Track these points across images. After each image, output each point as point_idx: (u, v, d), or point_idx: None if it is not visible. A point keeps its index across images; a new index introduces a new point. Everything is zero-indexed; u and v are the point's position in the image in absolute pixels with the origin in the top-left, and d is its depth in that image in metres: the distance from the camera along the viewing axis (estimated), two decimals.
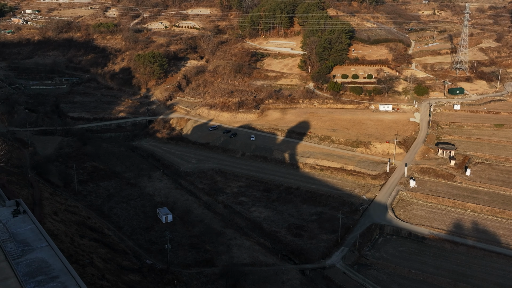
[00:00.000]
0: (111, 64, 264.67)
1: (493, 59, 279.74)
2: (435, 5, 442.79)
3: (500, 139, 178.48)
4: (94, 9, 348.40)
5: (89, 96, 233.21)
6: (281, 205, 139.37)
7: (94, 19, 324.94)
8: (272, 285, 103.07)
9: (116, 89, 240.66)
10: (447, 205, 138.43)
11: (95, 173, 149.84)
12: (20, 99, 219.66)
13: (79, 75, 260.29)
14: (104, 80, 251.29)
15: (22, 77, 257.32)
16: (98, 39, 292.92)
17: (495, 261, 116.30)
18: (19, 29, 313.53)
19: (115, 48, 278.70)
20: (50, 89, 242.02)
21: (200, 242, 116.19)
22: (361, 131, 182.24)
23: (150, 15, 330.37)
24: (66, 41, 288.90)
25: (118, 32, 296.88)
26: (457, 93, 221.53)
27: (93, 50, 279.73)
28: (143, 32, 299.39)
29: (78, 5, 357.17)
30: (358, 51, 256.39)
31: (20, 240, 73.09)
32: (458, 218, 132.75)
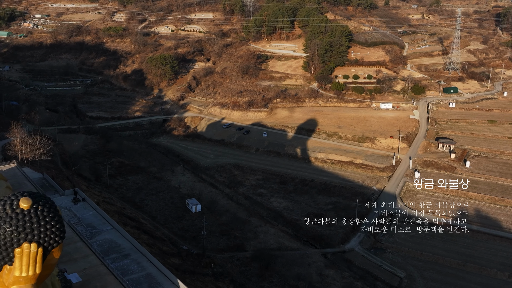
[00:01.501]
0: (123, 66, 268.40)
1: (482, 60, 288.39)
2: (423, 10, 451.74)
3: (494, 134, 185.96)
4: (102, 13, 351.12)
5: (104, 97, 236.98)
6: (298, 196, 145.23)
7: (102, 23, 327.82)
8: (299, 267, 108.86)
9: (129, 90, 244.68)
10: (450, 195, 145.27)
11: (122, 168, 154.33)
12: (39, 100, 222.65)
13: (92, 77, 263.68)
14: (117, 81, 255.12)
15: (37, 79, 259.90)
16: (108, 42, 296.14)
17: (498, 243, 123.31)
18: (30, 33, 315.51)
19: (125, 51, 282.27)
20: (66, 90, 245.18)
21: (229, 230, 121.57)
22: (365, 128, 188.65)
23: (156, 19, 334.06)
24: (78, 44, 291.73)
25: (127, 35, 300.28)
26: (451, 92, 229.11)
27: (104, 52, 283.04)
28: (151, 36, 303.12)
29: (86, 10, 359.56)
30: (357, 53, 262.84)
31: (87, 224, 78.05)
32: (461, 206, 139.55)
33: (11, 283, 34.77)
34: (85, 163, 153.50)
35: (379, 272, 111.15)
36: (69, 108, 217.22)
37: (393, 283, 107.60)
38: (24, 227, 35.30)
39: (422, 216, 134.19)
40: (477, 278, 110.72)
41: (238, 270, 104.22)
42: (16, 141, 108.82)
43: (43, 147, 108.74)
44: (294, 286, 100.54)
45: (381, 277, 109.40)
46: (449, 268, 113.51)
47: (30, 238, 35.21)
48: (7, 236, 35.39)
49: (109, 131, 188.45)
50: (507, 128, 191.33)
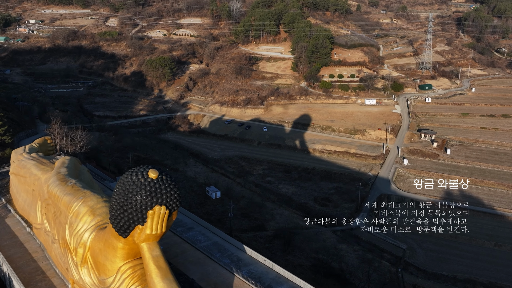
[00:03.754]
0: (121, 69, 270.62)
1: (449, 60, 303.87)
2: (391, 15, 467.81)
3: (468, 125, 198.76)
4: (95, 19, 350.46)
5: (107, 97, 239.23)
6: (303, 183, 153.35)
7: (96, 28, 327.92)
8: (315, 243, 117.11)
9: (130, 90, 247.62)
10: (436, 178, 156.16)
11: (140, 161, 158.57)
12: (45, 101, 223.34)
13: (92, 79, 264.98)
14: (118, 83, 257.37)
15: (39, 81, 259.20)
16: (104, 46, 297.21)
17: (482, 218, 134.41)
18: (27, 37, 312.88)
19: (122, 54, 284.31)
20: (69, 92, 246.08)
21: (248, 213, 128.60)
22: (355, 121, 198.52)
23: (147, 24, 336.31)
24: (76, 48, 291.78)
25: (122, 39, 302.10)
26: (426, 88, 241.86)
27: (102, 56, 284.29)
28: (145, 40, 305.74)
29: (79, 16, 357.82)
30: (339, 54, 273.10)
31: None
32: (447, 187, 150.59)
33: (141, 240, 44.15)
34: (104, 158, 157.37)
35: (385, 245, 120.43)
36: (76, 108, 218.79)
37: (397, 253, 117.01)
38: (156, 193, 45.69)
39: (414, 197, 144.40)
40: (468, 248, 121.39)
41: (263, 247, 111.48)
42: (55, 135, 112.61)
43: (83, 141, 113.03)
44: (315, 258, 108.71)
45: (386, 249, 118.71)
46: (443, 240, 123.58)
47: (160, 201, 45.54)
48: (142, 200, 45.81)
49: (120, 128, 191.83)
50: (478, 120, 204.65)
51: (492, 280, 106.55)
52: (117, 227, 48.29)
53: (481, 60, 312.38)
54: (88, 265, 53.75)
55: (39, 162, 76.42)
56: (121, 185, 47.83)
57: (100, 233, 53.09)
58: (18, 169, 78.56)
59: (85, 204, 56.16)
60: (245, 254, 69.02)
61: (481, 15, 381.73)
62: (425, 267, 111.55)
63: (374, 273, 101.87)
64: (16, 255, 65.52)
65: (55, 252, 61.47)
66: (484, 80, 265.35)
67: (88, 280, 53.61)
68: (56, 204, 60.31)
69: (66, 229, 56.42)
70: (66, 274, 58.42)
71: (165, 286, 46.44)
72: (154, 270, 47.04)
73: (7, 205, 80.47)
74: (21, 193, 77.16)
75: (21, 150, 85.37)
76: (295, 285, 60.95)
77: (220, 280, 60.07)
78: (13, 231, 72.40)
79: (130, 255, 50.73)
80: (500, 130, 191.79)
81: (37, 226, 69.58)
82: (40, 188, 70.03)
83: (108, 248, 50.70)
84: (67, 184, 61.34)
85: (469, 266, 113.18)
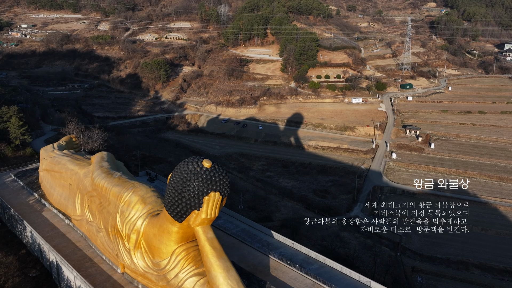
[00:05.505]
0: (116, 71, 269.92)
1: (426, 61, 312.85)
2: (368, 19, 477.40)
3: (448, 121, 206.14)
4: (86, 23, 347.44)
5: (104, 99, 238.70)
6: (301, 177, 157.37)
7: (89, 32, 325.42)
8: (320, 231, 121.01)
9: (127, 92, 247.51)
10: (423, 170, 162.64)
11: (145, 159, 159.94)
12: (45, 103, 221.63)
13: (88, 81, 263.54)
14: (114, 84, 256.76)
15: (36, 84, 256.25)
16: (98, 49, 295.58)
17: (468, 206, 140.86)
18: (21, 41, 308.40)
19: (116, 57, 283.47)
20: (66, 94, 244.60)
21: (254, 205, 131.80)
22: (344, 119, 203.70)
23: (139, 28, 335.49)
24: (70, 52, 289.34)
25: (115, 43, 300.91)
26: (407, 87, 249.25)
27: (96, 59, 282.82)
28: (137, 43, 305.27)
29: (70, 20, 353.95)
30: (325, 56, 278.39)
31: None
32: (434, 178, 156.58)
33: (197, 224, 48.82)
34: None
35: (382, 232, 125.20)
36: (75, 109, 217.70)
37: (394, 239, 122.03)
38: (211, 180, 51.41)
39: (405, 188, 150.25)
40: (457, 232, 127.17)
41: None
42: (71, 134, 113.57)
43: (100, 139, 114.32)
44: (321, 245, 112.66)
45: (384, 235, 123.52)
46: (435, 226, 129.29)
47: (215, 188, 51.20)
48: (199, 187, 51.31)
49: (122, 128, 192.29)
50: (457, 116, 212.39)
51: (482, 261, 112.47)
52: (174, 213, 51.08)
53: (454, 61, 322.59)
54: (142, 249, 56.28)
55: (73, 158, 78.18)
56: (178, 174, 50.66)
57: (153, 219, 55.69)
58: (52, 165, 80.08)
59: (136, 194, 58.63)
60: (273, 239, 72.44)
61: (452, 19, 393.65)
62: (421, 251, 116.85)
63: (377, 258, 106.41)
64: (61, 245, 67.36)
65: (101, 240, 63.66)
66: (459, 80, 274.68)
67: (142, 263, 56.15)
68: (104, 195, 62.49)
69: (117, 217, 58.75)
70: (116, 260, 60.70)
71: (221, 264, 49.54)
72: (210, 250, 50.08)
73: (41, 200, 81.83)
74: (56, 188, 78.71)
75: (51, 148, 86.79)
76: (324, 264, 64.66)
77: (257, 262, 63.30)
78: (52, 223, 74.05)
79: (184, 239, 53.58)
80: (477, 125, 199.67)
81: (77, 218, 71.48)
82: (78, 182, 71.99)
83: (163, 232, 53.37)
84: (113, 176, 63.61)
85: (460, 249, 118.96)
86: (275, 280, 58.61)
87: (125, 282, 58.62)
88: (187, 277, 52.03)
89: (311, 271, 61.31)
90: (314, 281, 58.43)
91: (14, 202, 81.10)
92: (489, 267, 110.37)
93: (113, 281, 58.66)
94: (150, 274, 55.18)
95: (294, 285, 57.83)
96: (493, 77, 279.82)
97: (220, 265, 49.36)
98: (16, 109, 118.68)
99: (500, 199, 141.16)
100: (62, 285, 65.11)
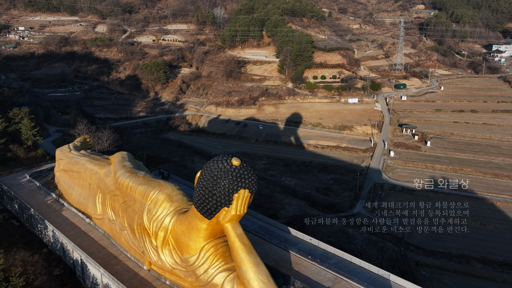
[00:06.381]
0: (115, 73, 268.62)
1: (417, 62, 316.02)
2: (360, 21, 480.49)
3: (442, 120, 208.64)
4: (83, 25, 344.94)
5: (105, 100, 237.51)
6: (303, 175, 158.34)
7: (86, 34, 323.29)
8: (325, 228, 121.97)
9: (127, 93, 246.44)
10: (421, 167, 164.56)
11: (150, 159, 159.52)
12: (46, 105, 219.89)
13: (88, 83, 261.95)
14: (114, 86, 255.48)
15: (36, 86, 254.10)
16: (96, 51, 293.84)
17: (465, 201, 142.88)
18: (19, 44, 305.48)
19: (115, 59, 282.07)
20: (66, 96, 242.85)
21: (260, 203, 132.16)
22: (342, 118, 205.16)
23: (136, 30, 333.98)
24: (69, 54, 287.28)
25: (113, 45, 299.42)
26: (401, 87, 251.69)
27: (95, 61, 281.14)
28: (135, 45, 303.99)
29: (67, 22, 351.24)
30: (320, 57, 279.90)
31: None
32: (431, 175, 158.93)
33: (226, 220, 50.10)
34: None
35: (385, 228, 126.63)
36: (77, 111, 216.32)
37: (398, 235, 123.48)
38: (241, 177, 52.89)
39: (404, 185, 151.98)
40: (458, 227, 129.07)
41: None
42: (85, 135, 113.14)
43: (110, 139, 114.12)
44: (328, 241, 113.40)
45: (388, 231, 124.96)
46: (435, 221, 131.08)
47: (244, 185, 52.65)
48: (230, 184, 52.77)
49: (125, 129, 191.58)
50: (450, 115, 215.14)
51: (483, 254, 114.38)
52: (203, 210, 51.59)
53: (445, 61, 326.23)
54: (170, 246, 56.67)
55: (92, 158, 78.20)
56: (208, 172, 51.25)
57: (181, 216, 56.13)
58: (70, 166, 79.98)
59: (163, 192, 59.00)
60: (290, 235, 73.25)
61: (441, 21, 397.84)
62: (423, 246, 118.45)
63: (384, 253, 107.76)
64: (84, 243, 67.44)
65: (125, 238, 63.87)
66: (450, 80, 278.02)
67: (170, 260, 56.54)
68: (129, 194, 62.71)
69: (144, 215, 59.06)
70: (141, 257, 60.99)
71: (251, 259, 50.18)
72: (240, 246, 50.70)
73: (59, 200, 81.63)
74: (74, 188, 78.63)
75: (67, 148, 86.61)
76: (342, 259, 65.59)
77: (279, 257, 64.02)
78: (73, 222, 74.01)
79: (212, 235, 54.13)
80: (470, 124, 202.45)
81: (98, 217, 71.57)
82: (99, 181, 72.06)
83: (192, 229, 53.84)
84: (137, 175, 63.88)
85: (460, 243, 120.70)
86: (298, 275, 59.38)
87: (152, 278, 58.98)
88: (216, 272, 52.59)
89: (331, 265, 62.17)
90: (336, 275, 59.32)
91: (33, 202, 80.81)
92: (490, 260, 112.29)
93: (140, 277, 58.96)
94: (178, 270, 55.61)
95: (317, 279, 58.65)
96: (483, 77, 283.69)
97: (250, 260, 49.97)
98: (27, 111, 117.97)
99: (496, 195, 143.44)
100: (87, 283, 65.20)
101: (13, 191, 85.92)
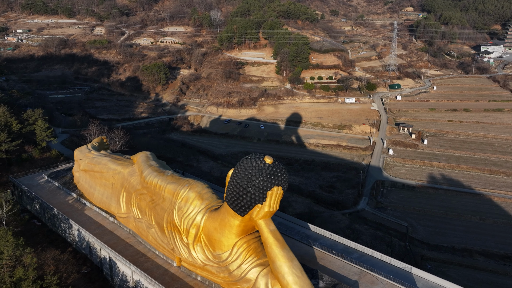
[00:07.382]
0: (115, 74, 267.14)
1: (409, 63, 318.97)
2: (351, 23, 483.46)
3: (436, 118, 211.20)
4: (82, 28, 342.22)
5: (106, 102, 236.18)
6: (306, 173, 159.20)
7: (85, 36, 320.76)
8: (332, 224, 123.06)
9: (128, 95, 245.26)
10: (419, 165, 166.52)
11: None
12: (49, 106, 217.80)
13: (88, 84, 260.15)
14: (114, 87, 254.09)
15: (37, 88, 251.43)
16: (96, 53, 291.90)
17: (465, 197, 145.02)
18: (18, 46, 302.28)
19: (114, 60, 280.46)
20: (68, 97, 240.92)
21: None
22: (340, 118, 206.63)
23: (133, 33, 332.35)
24: (69, 56, 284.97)
25: (112, 47, 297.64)
26: (396, 88, 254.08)
27: (95, 63, 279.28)
28: (133, 47, 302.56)
29: (65, 25, 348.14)
30: (316, 58, 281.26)
31: None
32: (430, 172, 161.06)
33: (259, 217, 50.99)
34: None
35: (389, 224, 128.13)
36: (79, 112, 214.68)
37: (401, 230, 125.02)
38: (274, 175, 53.93)
39: (404, 182, 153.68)
40: (458, 222, 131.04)
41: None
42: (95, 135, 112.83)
43: (122, 140, 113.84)
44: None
45: (391, 227, 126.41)
46: (436, 217, 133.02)
47: (277, 183, 53.80)
48: (264, 182, 53.78)
49: (129, 130, 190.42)
50: (444, 114, 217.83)
51: (484, 248, 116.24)
52: (237, 207, 52.02)
53: (435, 62, 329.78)
54: (201, 243, 57.02)
55: (113, 158, 78.15)
56: (242, 170, 51.64)
57: (213, 213, 56.50)
58: (91, 166, 79.79)
59: (193, 190, 59.31)
60: (310, 231, 73.95)
61: (430, 23, 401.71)
62: (427, 241, 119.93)
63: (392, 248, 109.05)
64: (111, 241, 67.42)
65: (153, 236, 64.04)
66: (442, 80, 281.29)
67: (202, 256, 56.89)
68: (158, 193, 62.90)
69: (174, 213, 59.31)
70: (171, 254, 61.23)
71: (285, 254, 50.79)
72: (273, 242, 51.27)
73: (80, 199, 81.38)
74: (96, 187, 78.48)
75: (86, 149, 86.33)
76: (363, 253, 66.44)
77: (303, 252, 64.69)
78: (97, 221, 73.90)
79: (244, 232, 54.62)
80: (464, 122, 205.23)
81: (122, 216, 71.60)
82: (123, 181, 72.07)
83: (224, 226, 54.25)
84: (165, 174, 64.08)
85: (462, 237, 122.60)
86: (324, 269, 60.12)
87: (183, 275, 59.27)
88: (250, 267, 53.09)
89: (354, 259, 63.01)
90: (361, 269, 60.17)
91: (54, 202, 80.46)
92: (491, 253, 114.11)
93: (171, 274, 59.22)
94: (210, 266, 55.99)
95: (343, 273, 59.45)
96: (473, 77, 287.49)
97: (284, 255, 50.55)
98: (41, 112, 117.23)
99: (493, 191, 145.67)
100: (116, 280, 65.24)
101: (33, 191, 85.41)
